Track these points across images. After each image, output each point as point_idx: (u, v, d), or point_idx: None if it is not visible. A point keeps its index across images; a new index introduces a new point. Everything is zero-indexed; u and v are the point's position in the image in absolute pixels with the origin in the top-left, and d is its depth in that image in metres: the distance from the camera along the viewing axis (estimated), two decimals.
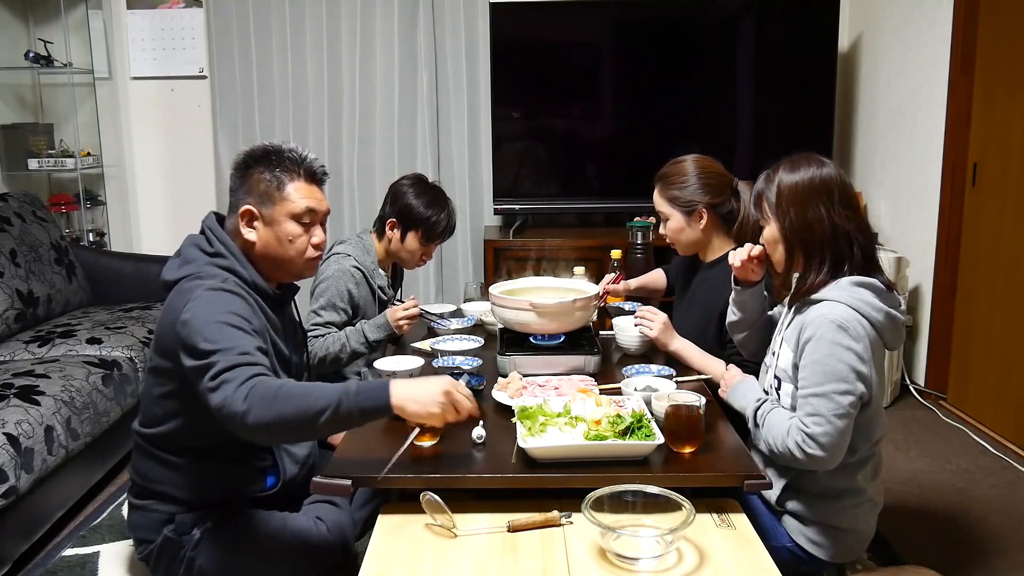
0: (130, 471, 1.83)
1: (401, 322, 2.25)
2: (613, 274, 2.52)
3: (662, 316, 2.11)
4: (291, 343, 1.83)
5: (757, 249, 1.79)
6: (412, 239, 2.42)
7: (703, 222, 2.17)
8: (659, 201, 2.22)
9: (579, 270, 2.59)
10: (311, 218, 1.74)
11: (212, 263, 1.67)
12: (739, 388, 1.80)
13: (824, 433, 1.56)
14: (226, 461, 1.71)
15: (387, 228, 2.43)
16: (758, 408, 1.71)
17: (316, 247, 1.76)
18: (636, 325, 2.16)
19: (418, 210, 2.40)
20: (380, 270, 2.45)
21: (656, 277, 2.62)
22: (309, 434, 1.59)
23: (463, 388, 1.53)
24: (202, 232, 1.74)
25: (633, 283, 2.59)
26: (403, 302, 2.37)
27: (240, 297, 1.62)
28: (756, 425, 1.70)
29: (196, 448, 1.69)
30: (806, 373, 1.61)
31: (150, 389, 1.73)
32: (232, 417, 1.41)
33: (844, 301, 1.60)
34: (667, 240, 2.26)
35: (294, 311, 1.92)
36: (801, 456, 1.58)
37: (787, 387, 1.69)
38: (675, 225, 2.20)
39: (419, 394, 1.47)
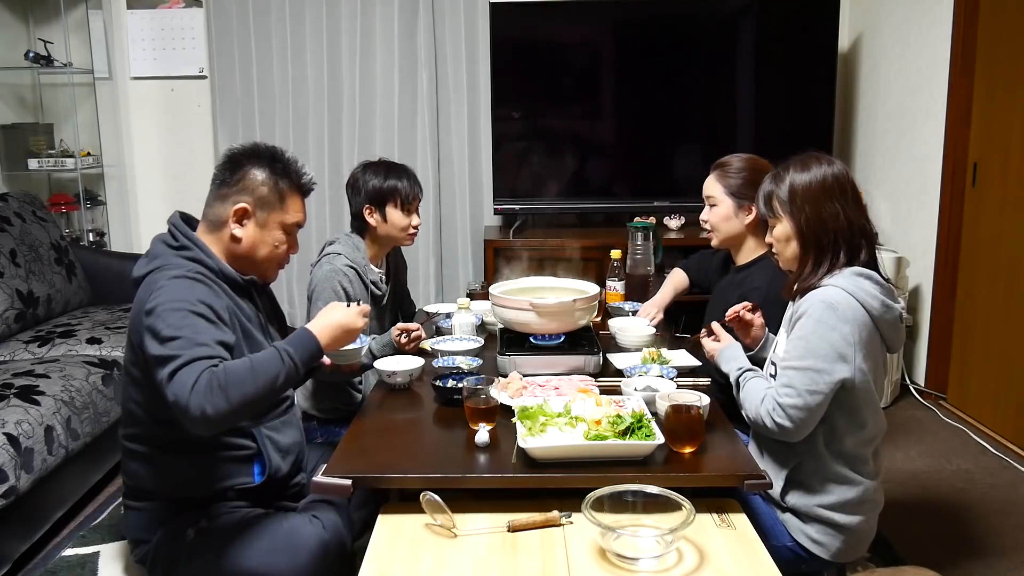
0: (121, 474, 1.86)
1: (401, 339, 2.22)
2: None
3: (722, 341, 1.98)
4: (267, 331, 1.86)
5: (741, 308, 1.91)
6: (392, 212, 2.43)
7: (750, 217, 2.15)
8: (712, 186, 2.21)
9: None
10: (296, 230, 1.84)
11: (178, 255, 1.72)
12: (725, 352, 1.86)
13: (793, 406, 1.62)
14: (208, 451, 1.72)
15: (366, 217, 2.43)
16: (742, 374, 1.77)
17: (289, 256, 1.87)
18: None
19: (382, 184, 2.43)
20: (372, 266, 2.45)
21: (678, 279, 2.58)
22: (266, 406, 1.70)
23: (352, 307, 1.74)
24: (168, 230, 1.78)
25: (666, 298, 2.53)
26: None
27: (204, 284, 1.66)
28: (738, 388, 1.77)
29: (176, 441, 1.70)
30: (790, 347, 1.67)
31: (127, 388, 1.77)
32: (184, 412, 1.47)
33: (840, 286, 1.65)
34: (707, 227, 2.25)
35: (270, 299, 1.96)
36: (771, 424, 1.65)
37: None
38: (723, 212, 2.19)
39: (334, 326, 1.68)
